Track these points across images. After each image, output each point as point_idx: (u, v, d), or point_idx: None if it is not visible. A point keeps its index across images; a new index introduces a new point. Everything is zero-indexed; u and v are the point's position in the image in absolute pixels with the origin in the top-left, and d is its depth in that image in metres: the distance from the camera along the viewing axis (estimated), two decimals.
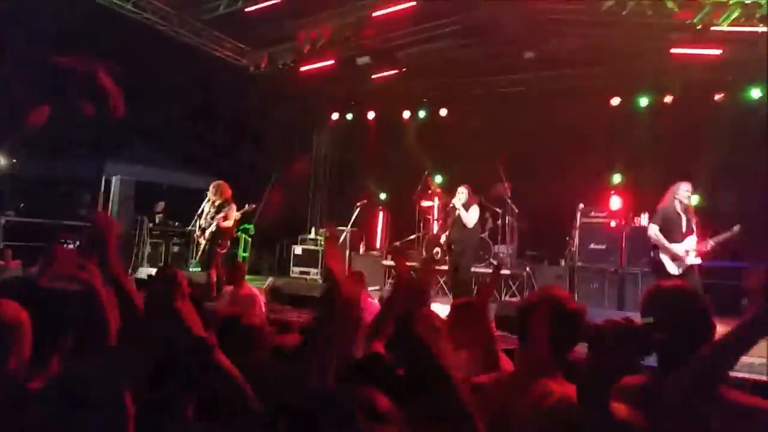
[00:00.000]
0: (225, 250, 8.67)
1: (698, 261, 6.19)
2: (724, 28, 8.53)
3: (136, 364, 1.74)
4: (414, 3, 9.68)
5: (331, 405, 1.28)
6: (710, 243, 6.17)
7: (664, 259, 6.25)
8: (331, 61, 11.54)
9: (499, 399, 1.94)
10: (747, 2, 8.13)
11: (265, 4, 10.14)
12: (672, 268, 6.17)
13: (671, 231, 6.21)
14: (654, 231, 6.31)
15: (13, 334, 1.78)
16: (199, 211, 8.78)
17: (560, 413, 1.55)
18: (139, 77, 10.44)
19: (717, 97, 9.99)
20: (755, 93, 9.85)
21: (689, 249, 6.15)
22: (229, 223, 8.50)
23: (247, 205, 8.85)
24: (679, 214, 6.22)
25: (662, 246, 6.23)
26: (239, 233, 12.12)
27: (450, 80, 12.36)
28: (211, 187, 8.74)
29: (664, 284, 2.17)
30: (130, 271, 9.76)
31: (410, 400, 1.46)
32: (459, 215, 7.58)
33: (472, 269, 8.15)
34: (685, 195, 6.21)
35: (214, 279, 8.10)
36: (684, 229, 6.19)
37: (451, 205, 7.79)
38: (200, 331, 1.72)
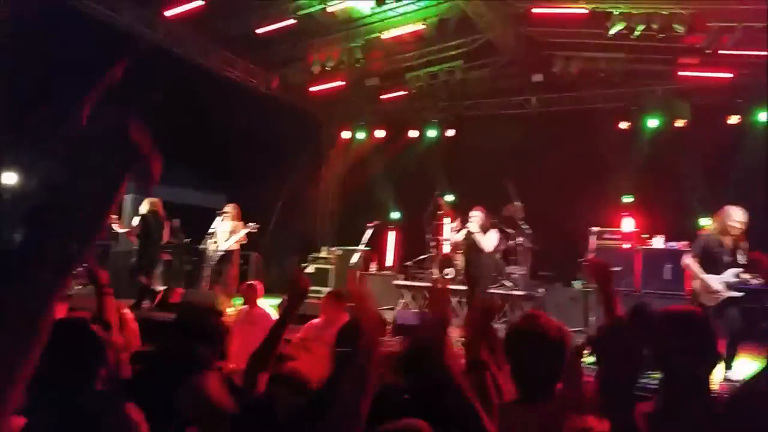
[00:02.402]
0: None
1: (737, 294, 5.56)
2: (733, 51, 8.63)
3: None
4: (423, 26, 9.82)
5: None
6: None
7: (698, 289, 5.74)
8: (341, 82, 11.64)
9: (520, 423, 1.99)
10: (755, 26, 8.23)
11: (275, 26, 10.26)
12: (706, 300, 5.61)
13: (710, 262, 5.67)
14: (688, 260, 5.82)
15: None
16: (211, 230, 8.77)
17: None
18: (149, 98, 10.48)
19: (731, 119, 9.98)
20: (762, 116, 9.90)
21: (728, 281, 5.57)
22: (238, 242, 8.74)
23: (251, 224, 8.80)
24: (721, 243, 5.66)
25: (696, 276, 5.73)
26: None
27: (458, 101, 12.46)
28: (228, 208, 8.79)
29: (674, 307, 2.20)
30: None
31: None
32: (474, 239, 7.48)
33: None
34: (735, 223, 5.56)
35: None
36: (726, 260, 5.62)
37: (466, 229, 7.63)
38: None
